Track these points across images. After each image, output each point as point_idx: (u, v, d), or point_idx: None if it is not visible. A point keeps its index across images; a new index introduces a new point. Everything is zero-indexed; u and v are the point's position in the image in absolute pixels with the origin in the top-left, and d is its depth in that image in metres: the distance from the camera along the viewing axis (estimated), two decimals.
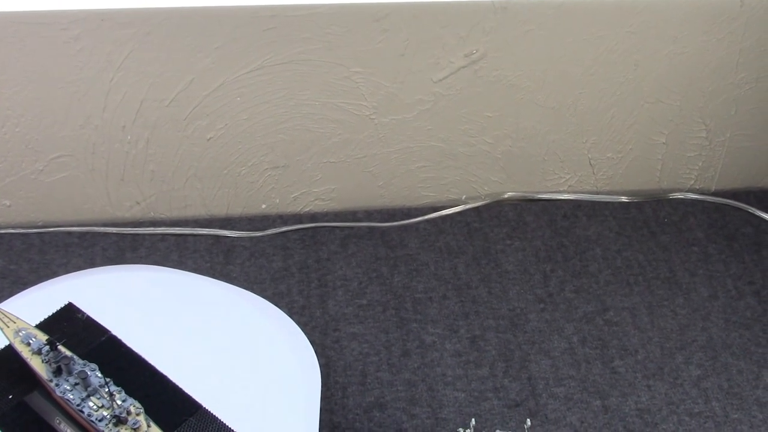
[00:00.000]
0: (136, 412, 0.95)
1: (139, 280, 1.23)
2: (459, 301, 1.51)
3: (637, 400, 1.36)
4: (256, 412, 1.05)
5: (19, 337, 1.03)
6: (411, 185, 1.70)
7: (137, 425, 0.94)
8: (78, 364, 1.00)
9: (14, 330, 1.04)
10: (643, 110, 1.66)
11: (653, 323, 1.49)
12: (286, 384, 1.09)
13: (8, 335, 1.04)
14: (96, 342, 1.08)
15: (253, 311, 1.20)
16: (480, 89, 1.58)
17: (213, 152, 1.59)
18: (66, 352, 1.01)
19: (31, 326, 1.06)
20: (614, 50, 1.57)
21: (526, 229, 1.68)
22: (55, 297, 1.14)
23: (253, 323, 1.17)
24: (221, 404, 1.03)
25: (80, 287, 1.20)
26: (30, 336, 1.03)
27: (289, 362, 1.12)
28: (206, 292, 1.21)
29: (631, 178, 1.76)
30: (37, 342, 1.02)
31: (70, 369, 0.98)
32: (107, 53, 1.44)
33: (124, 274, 1.26)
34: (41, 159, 1.55)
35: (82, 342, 1.08)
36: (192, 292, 1.21)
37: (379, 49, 1.51)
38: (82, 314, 1.11)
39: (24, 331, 1.04)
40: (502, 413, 1.33)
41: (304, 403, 1.08)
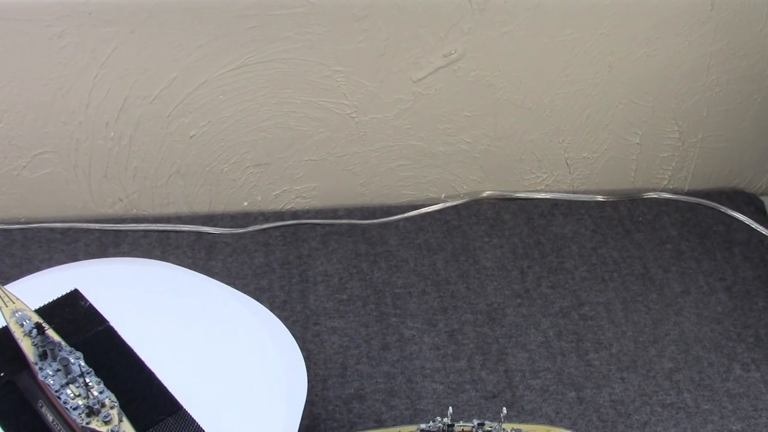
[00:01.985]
0: (110, 405, 0.96)
1: (132, 272, 1.24)
2: (438, 296, 1.54)
3: (611, 391, 1.39)
4: (239, 407, 1.07)
5: (15, 318, 1.05)
6: (391, 183, 1.72)
7: (108, 418, 0.94)
8: (64, 350, 1.01)
9: (12, 310, 1.06)
10: (617, 111, 1.70)
11: (627, 318, 1.53)
12: (271, 383, 1.11)
13: (5, 314, 1.06)
14: (92, 331, 1.09)
15: (239, 307, 1.21)
16: (458, 89, 1.62)
17: (196, 149, 1.61)
18: (54, 337, 1.03)
19: (28, 308, 1.07)
20: (589, 52, 1.61)
21: (504, 227, 1.71)
22: (60, 283, 1.16)
23: (241, 320, 1.18)
24: (205, 399, 1.05)
25: (90, 275, 1.21)
26: (25, 317, 1.05)
27: (277, 367, 1.13)
28: (193, 286, 1.23)
29: (607, 177, 1.80)
30: (29, 324, 1.03)
31: (55, 354, 1.00)
32: (91, 50, 1.46)
33: (125, 267, 1.27)
34: (24, 155, 1.56)
35: (80, 329, 1.10)
36: (180, 286, 1.22)
37: (360, 49, 1.54)
38: (85, 302, 1.13)
39: (20, 312, 1.05)
40: (480, 404, 1.36)
41: (288, 402, 1.09)
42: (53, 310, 1.13)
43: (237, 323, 1.17)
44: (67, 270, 1.27)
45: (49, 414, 0.99)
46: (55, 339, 1.03)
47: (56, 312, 1.12)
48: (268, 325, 1.20)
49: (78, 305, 1.13)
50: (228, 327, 1.16)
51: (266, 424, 1.06)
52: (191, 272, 1.26)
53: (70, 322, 1.11)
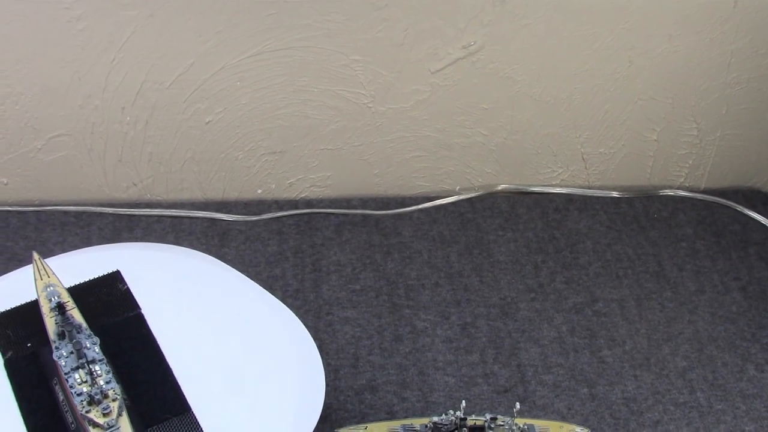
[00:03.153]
0: (112, 397, 0.95)
1: (170, 259, 1.23)
2: (451, 289, 1.54)
3: (623, 389, 1.39)
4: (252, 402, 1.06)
5: (46, 292, 1.05)
6: (406, 174, 1.72)
7: (107, 410, 0.93)
8: (83, 334, 1.01)
9: (45, 284, 1.06)
10: (636, 107, 1.69)
11: (641, 315, 1.52)
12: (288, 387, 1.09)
13: (38, 287, 1.06)
14: (123, 316, 1.09)
15: (266, 308, 1.19)
16: (476, 81, 1.61)
17: (211, 136, 1.60)
18: (77, 319, 1.02)
19: (60, 284, 1.06)
20: (609, 46, 1.60)
21: (519, 220, 1.70)
22: (103, 263, 1.16)
23: (271, 328, 1.16)
24: (223, 395, 1.03)
25: (133, 258, 1.20)
26: (55, 293, 1.05)
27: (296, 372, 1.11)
28: (228, 282, 1.21)
29: (623, 173, 1.79)
30: (56, 301, 1.03)
31: (72, 336, 0.99)
32: (109, 33, 1.45)
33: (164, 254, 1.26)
34: (40, 137, 1.56)
35: (112, 312, 1.10)
36: (215, 279, 1.21)
37: (379, 38, 1.53)
38: (123, 285, 1.13)
39: (52, 288, 1.05)
40: (491, 398, 1.35)
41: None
42: (91, 288, 1.13)
43: (265, 326, 1.15)
44: (111, 250, 1.26)
45: (61, 394, 0.99)
46: (77, 321, 1.02)
47: (93, 291, 1.12)
48: (294, 334, 1.18)
49: (116, 287, 1.13)
50: (254, 331, 1.14)
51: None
52: (230, 269, 1.24)
53: (104, 303, 1.11)
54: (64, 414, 0.98)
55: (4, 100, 1.50)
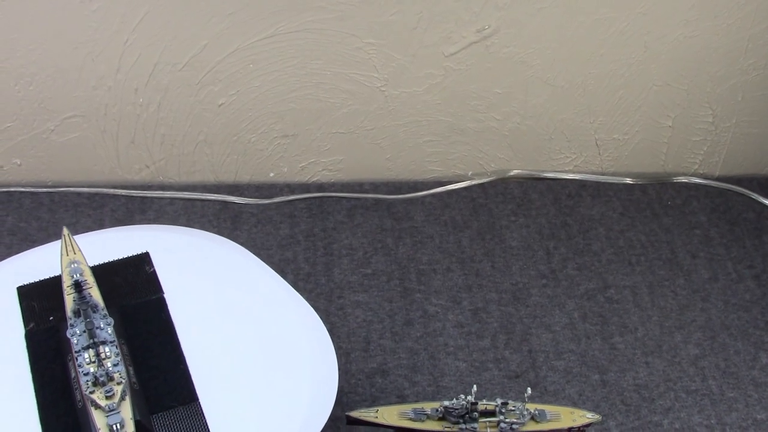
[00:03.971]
0: (117, 380, 0.94)
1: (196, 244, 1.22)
2: (463, 274, 1.53)
3: (635, 375, 1.38)
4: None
5: (69, 269, 1.05)
6: (418, 159, 1.71)
7: (111, 393, 0.93)
8: (98, 314, 1.00)
9: (70, 260, 1.06)
10: (651, 93, 1.68)
11: (653, 302, 1.51)
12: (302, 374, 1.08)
13: (63, 263, 1.06)
14: (145, 298, 1.09)
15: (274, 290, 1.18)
16: (490, 65, 1.59)
17: (224, 118, 1.60)
18: (95, 298, 1.02)
19: (85, 262, 1.06)
20: (625, 31, 1.58)
21: (531, 206, 1.69)
22: (133, 243, 1.16)
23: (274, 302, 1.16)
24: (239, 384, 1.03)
25: (160, 240, 1.20)
26: (77, 271, 1.05)
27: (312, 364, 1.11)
28: (249, 269, 1.20)
29: (637, 160, 1.77)
30: (76, 279, 1.03)
31: (87, 315, 0.99)
32: (122, 14, 1.45)
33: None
34: (53, 119, 1.56)
35: (135, 293, 1.10)
36: (235, 265, 1.20)
37: (393, 21, 1.52)
38: (150, 267, 1.13)
39: (75, 264, 1.05)
40: (503, 384, 1.35)
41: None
42: (118, 267, 1.13)
43: (283, 319, 1.14)
44: (141, 231, 1.26)
45: (73, 371, 1.00)
46: (94, 300, 1.02)
47: (120, 270, 1.13)
48: (312, 330, 1.16)
49: (142, 269, 1.13)
50: (271, 325, 1.12)
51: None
52: (254, 259, 1.22)
53: (129, 283, 1.11)
54: (73, 391, 0.98)
55: (17, 80, 1.50)
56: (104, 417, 0.91)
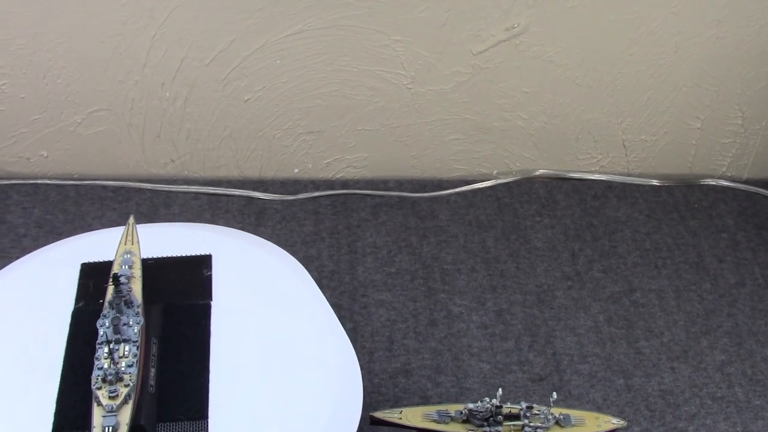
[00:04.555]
0: (126, 382, 0.93)
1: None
2: (487, 275, 1.52)
3: (660, 381, 1.37)
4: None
5: (122, 258, 1.04)
6: (443, 157, 1.70)
7: (115, 394, 0.91)
8: (131, 310, 0.99)
9: (125, 249, 1.05)
10: (680, 94, 1.66)
11: (679, 307, 1.50)
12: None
13: (119, 251, 1.06)
14: (192, 302, 1.07)
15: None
16: (518, 64, 1.58)
17: (250, 114, 1.59)
18: (134, 293, 1.01)
19: (138, 255, 1.06)
20: (655, 31, 1.56)
21: (556, 207, 1.68)
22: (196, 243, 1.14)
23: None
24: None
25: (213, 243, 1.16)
26: (129, 261, 1.04)
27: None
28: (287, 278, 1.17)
29: (664, 161, 1.75)
30: (125, 270, 1.03)
31: (120, 309, 0.99)
32: (150, 9, 1.45)
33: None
34: (80, 112, 1.56)
35: (185, 294, 1.08)
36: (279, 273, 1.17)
37: (421, 18, 1.50)
38: (208, 271, 1.11)
39: (129, 255, 1.05)
40: (526, 386, 1.35)
41: None
42: (178, 264, 1.11)
43: (319, 346, 1.09)
44: (208, 232, 1.22)
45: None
46: (132, 296, 1.00)
47: (178, 267, 1.11)
48: (344, 361, 1.12)
49: (200, 271, 1.11)
50: (307, 350, 1.08)
51: None
52: (308, 280, 1.16)
53: (183, 282, 1.09)
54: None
55: (45, 73, 1.50)
56: (101, 416, 0.90)
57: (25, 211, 1.55)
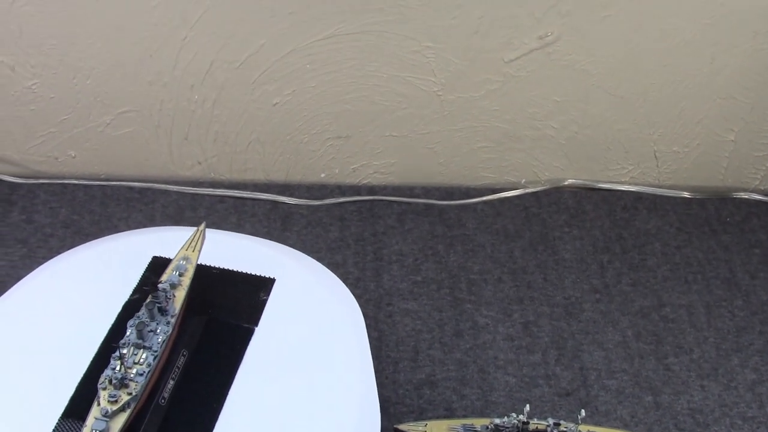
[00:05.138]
0: (129, 390, 0.91)
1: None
2: (514, 286, 1.51)
3: (689, 399, 1.35)
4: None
5: (176, 264, 1.04)
6: (472, 165, 1.68)
7: (114, 399, 0.90)
8: (163, 318, 0.98)
9: (183, 255, 1.05)
10: (714, 105, 1.63)
11: (710, 323, 1.47)
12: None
13: (178, 254, 1.06)
14: (236, 322, 1.05)
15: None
16: (551, 73, 1.56)
17: (278, 118, 1.59)
18: (174, 302, 1.00)
19: (194, 263, 1.04)
20: (691, 42, 1.54)
21: (585, 217, 1.65)
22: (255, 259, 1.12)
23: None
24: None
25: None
26: (182, 268, 1.04)
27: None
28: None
29: (696, 173, 1.73)
30: (174, 276, 1.02)
31: (152, 315, 0.98)
32: (182, 11, 1.44)
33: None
34: (109, 112, 1.56)
35: (233, 312, 1.06)
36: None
37: (453, 25, 1.49)
38: (265, 295, 1.09)
39: (184, 262, 1.04)
40: (553, 401, 1.33)
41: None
42: (238, 281, 1.09)
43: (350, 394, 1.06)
44: (279, 253, 1.19)
45: None
46: (172, 305, 0.99)
47: (238, 284, 1.09)
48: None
49: (257, 293, 1.09)
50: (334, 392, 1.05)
51: None
52: (359, 318, 1.13)
53: (236, 300, 1.08)
54: None
55: (75, 74, 1.50)
56: (94, 417, 0.89)
57: (52, 210, 1.56)
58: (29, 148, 1.59)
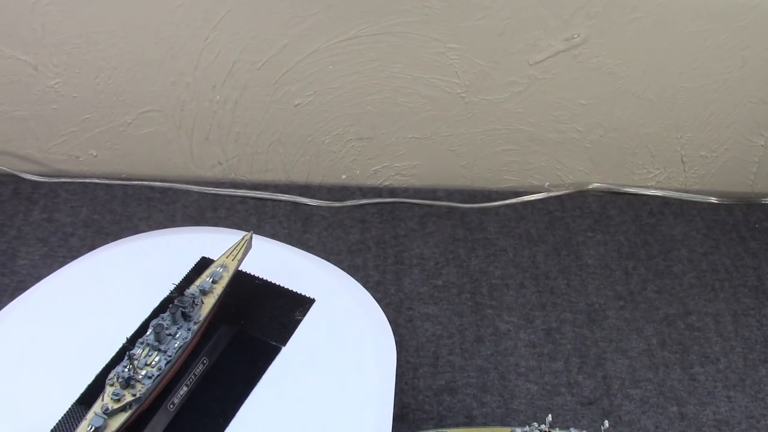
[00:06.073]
0: (135, 392, 0.91)
1: None
2: (536, 291, 1.48)
3: (715, 410, 1.32)
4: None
5: (212, 270, 1.03)
6: (494, 168, 1.66)
7: (117, 397, 0.90)
8: (183, 323, 0.97)
9: (221, 263, 1.04)
10: (744, 109, 1.59)
11: (737, 332, 1.44)
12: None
13: (217, 260, 1.05)
14: (263, 338, 1.03)
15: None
16: (577, 75, 1.53)
17: (299, 119, 1.57)
18: (201, 308, 0.99)
19: (231, 272, 1.04)
20: (722, 45, 1.50)
21: (610, 222, 1.63)
22: None
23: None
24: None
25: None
26: (217, 275, 1.03)
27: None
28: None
29: (723, 178, 1.69)
30: (206, 282, 1.02)
31: (175, 318, 0.97)
32: (204, 11, 1.43)
33: None
34: (130, 112, 1.55)
35: (264, 328, 1.04)
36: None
37: (478, 27, 1.47)
38: (301, 316, 1.07)
39: (221, 269, 1.03)
40: (575, 410, 1.31)
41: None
42: (278, 295, 1.08)
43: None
44: (332, 275, 1.17)
45: None
46: (197, 312, 0.98)
47: (277, 299, 1.07)
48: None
49: (293, 312, 1.07)
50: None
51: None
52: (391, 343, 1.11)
53: (270, 315, 1.06)
54: None
55: (98, 73, 1.50)
56: (94, 412, 0.89)
57: (73, 210, 1.56)
58: (51, 147, 1.59)
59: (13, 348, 1.02)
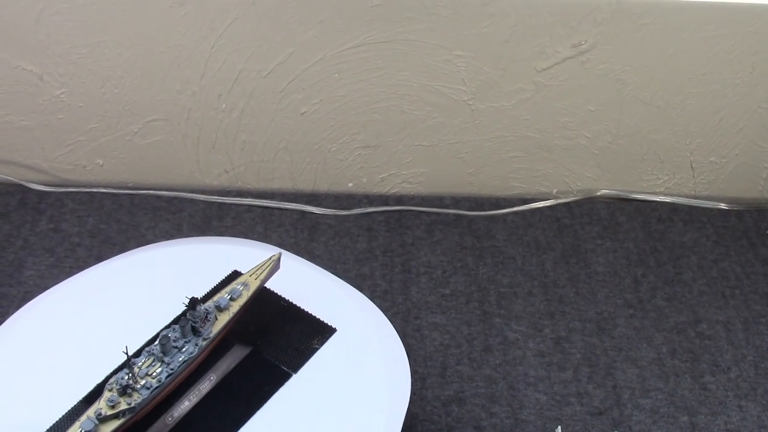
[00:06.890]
0: (131, 400, 0.91)
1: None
2: (545, 300, 1.47)
3: (727, 420, 1.30)
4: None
5: (232, 287, 1.03)
6: (502, 175, 1.65)
7: (113, 404, 0.90)
8: (193, 338, 0.97)
9: (243, 281, 1.04)
10: (754, 115, 1.58)
11: (749, 340, 1.42)
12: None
13: (239, 278, 1.05)
14: (276, 362, 1.02)
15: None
16: (584, 82, 1.52)
17: (305, 127, 1.57)
18: (215, 325, 0.98)
19: (253, 291, 1.03)
20: (731, 50, 1.49)
21: (619, 229, 1.62)
22: None
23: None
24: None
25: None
26: (237, 292, 1.02)
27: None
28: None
29: (733, 184, 1.68)
30: (224, 298, 1.01)
31: (185, 332, 0.97)
32: (210, 20, 1.43)
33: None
34: (137, 121, 1.55)
35: (279, 352, 1.03)
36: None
37: (484, 34, 1.46)
38: (319, 344, 1.05)
39: (241, 287, 1.03)
40: (585, 420, 1.29)
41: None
42: (299, 319, 1.06)
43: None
44: (357, 305, 1.15)
45: None
46: (207, 327, 0.97)
47: (297, 323, 1.06)
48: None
49: (311, 339, 1.05)
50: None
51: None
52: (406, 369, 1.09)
53: (287, 340, 1.04)
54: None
55: (104, 83, 1.50)
56: (86, 416, 0.89)
57: (79, 219, 1.55)
58: (57, 156, 1.59)
59: (19, 357, 1.02)
